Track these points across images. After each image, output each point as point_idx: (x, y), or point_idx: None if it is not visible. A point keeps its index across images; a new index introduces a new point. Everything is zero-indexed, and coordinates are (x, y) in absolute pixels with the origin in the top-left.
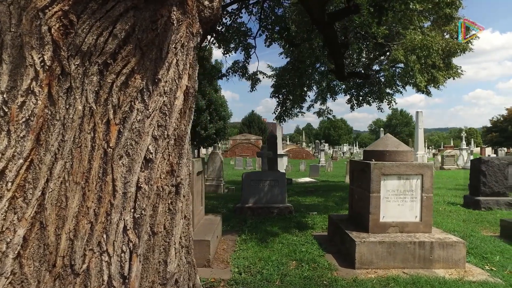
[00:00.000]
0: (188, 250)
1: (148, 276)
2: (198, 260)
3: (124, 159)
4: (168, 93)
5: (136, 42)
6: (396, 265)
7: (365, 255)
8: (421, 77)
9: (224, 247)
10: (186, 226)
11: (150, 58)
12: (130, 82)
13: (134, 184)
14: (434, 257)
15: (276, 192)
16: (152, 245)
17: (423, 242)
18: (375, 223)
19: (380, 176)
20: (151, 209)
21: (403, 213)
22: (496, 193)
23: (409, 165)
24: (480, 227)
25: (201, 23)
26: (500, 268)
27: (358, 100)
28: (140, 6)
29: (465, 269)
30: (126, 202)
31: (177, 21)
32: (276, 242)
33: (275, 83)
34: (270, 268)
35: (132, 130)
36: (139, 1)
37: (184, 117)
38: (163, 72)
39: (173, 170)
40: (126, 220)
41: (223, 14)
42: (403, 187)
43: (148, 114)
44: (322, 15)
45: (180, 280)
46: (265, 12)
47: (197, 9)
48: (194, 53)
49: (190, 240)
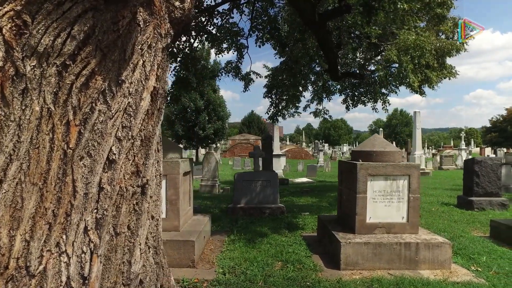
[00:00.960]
0: (156, 250)
1: (110, 277)
2: (183, 261)
3: (86, 160)
4: (133, 94)
5: (97, 43)
6: (382, 266)
7: (351, 256)
8: (414, 77)
9: (211, 248)
10: (155, 227)
11: (112, 59)
12: (91, 84)
13: (96, 184)
14: (420, 258)
15: (268, 193)
16: (115, 245)
17: (409, 243)
18: (361, 224)
19: (367, 177)
20: (114, 209)
21: (390, 214)
22: (489, 193)
23: (396, 165)
24: (471, 227)
25: (172, 24)
26: (486, 269)
27: (353, 100)
28: (100, 7)
29: (450, 269)
30: (88, 203)
31: (143, 22)
32: (264, 242)
33: (268, 83)
34: (255, 268)
35: (93, 131)
36: (98, 2)
37: (152, 118)
38: (128, 74)
39: (139, 170)
40: (87, 220)
41: (214, 14)
42: (390, 188)
43: (111, 115)
44: (313, 15)
45: (146, 281)
46: (257, 12)
47: (166, 10)
48: (164, 54)
49: (159, 241)
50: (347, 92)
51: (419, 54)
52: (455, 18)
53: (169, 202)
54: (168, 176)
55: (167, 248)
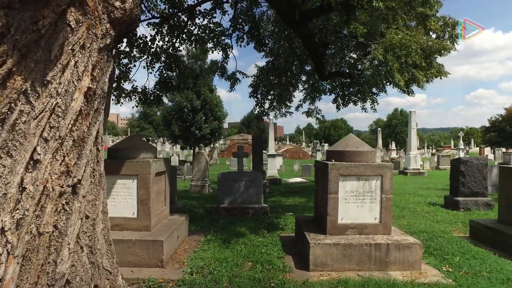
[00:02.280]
0: (92, 250)
1: (30, 278)
2: (152, 261)
3: (5, 160)
4: (62, 94)
5: (14, 43)
6: (351, 267)
7: (320, 257)
8: (399, 77)
9: (185, 247)
10: (91, 226)
11: (34, 59)
12: (9, 84)
13: (16, 185)
14: (390, 259)
15: (252, 193)
16: (37, 245)
17: (379, 244)
18: (333, 225)
19: (338, 177)
20: (38, 209)
21: (363, 215)
22: (475, 193)
23: (368, 165)
24: (453, 227)
25: (112, 24)
26: (457, 269)
27: (343, 100)
28: (15, 6)
29: (420, 270)
30: (6, 203)
31: (75, 22)
32: (239, 243)
33: (253, 82)
34: (223, 269)
35: (14, 131)
36: (11, 1)
37: (86, 119)
38: (55, 74)
39: (69, 170)
40: (4, 221)
41: (195, 13)
42: (362, 188)
43: (35, 115)
44: (293, 14)
45: (75, 281)
46: (241, 11)
47: (105, 10)
48: (103, 55)
49: (95, 240)
50: (337, 91)
51: (405, 53)
52: (445, 17)
53: (140, 202)
54: (139, 176)
55: (136, 248)
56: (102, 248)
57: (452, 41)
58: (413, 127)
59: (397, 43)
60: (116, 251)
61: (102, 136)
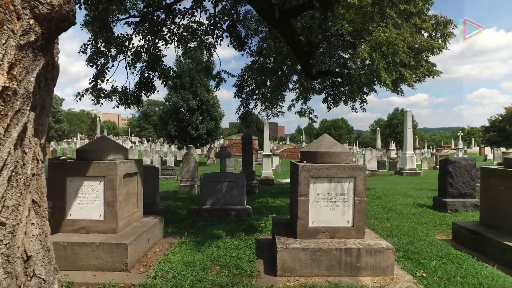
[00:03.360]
0: (8, 259)
1: None
2: (116, 264)
3: None
4: None
5: None
6: (321, 272)
7: (287, 262)
8: (386, 75)
9: (156, 250)
10: (9, 234)
11: None
12: None
13: None
14: (362, 265)
15: (234, 194)
16: None
17: (349, 248)
18: (303, 228)
19: (309, 179)
20: None
21: (335, 218)
22: (463, 194)
23: (340, 167)
24: (437, 230)
25: (38, 20)
26: (431, 274)
27: (334, 99)
28: None
29: (393, 276)
30: None
31: None
32: (212, 246)
33: (237, 82)
34: (188, 273)
35: None
36: None
37: (4, 120)
38: None
39: None
40: None
41: (173, 12)
42: (334, 191)
43: None
44: (272, 12)
45: None
46: (220, 9)
47: (26, 4)
48: (26, 52)
49: (13, 249)
50: (327, 91)
51: (392, 52)
52: (437, 15)
53: (107, 204)
54: (105, 178)
55: (100, 251)
56: (37, 255)
57: (444, 40)
58: (409, 127)
59: (383, 41)
60: (79, 254)
61: (32, 138)
